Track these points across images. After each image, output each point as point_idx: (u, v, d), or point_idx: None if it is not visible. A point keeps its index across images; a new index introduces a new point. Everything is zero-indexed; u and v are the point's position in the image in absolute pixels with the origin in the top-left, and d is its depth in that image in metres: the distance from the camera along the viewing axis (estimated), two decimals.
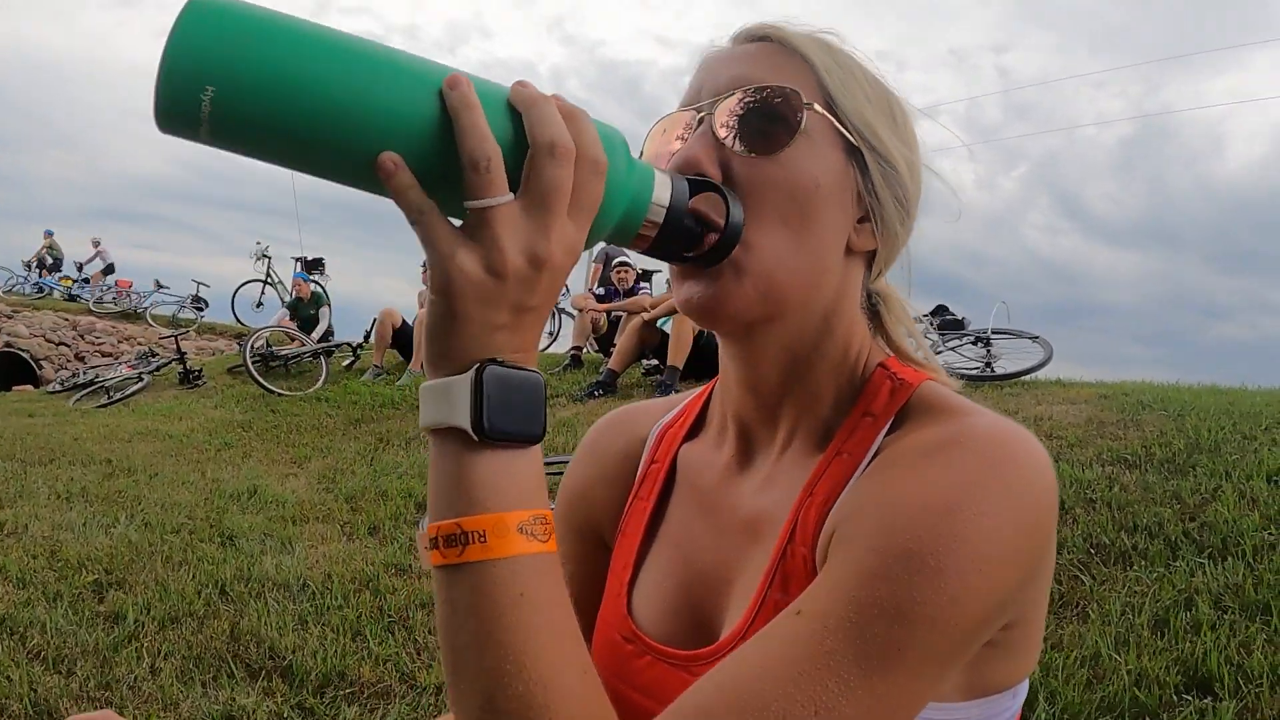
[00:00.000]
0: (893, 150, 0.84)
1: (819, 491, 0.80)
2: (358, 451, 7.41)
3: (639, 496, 1.00)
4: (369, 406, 9.00)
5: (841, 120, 0.82)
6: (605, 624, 0.96)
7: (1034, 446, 0.71)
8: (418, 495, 5.92)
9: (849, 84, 0.84)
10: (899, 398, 0.82)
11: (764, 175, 0.80)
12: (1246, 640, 3.02)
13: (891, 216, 0.85)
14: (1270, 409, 5.52)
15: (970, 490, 0.66)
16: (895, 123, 0.86)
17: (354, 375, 10.84)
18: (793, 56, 0.84)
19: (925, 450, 0.72)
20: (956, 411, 0.77)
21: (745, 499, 0.89)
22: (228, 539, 5.06)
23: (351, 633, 3.77)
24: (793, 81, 0.82)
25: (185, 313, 18.94)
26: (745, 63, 0.85)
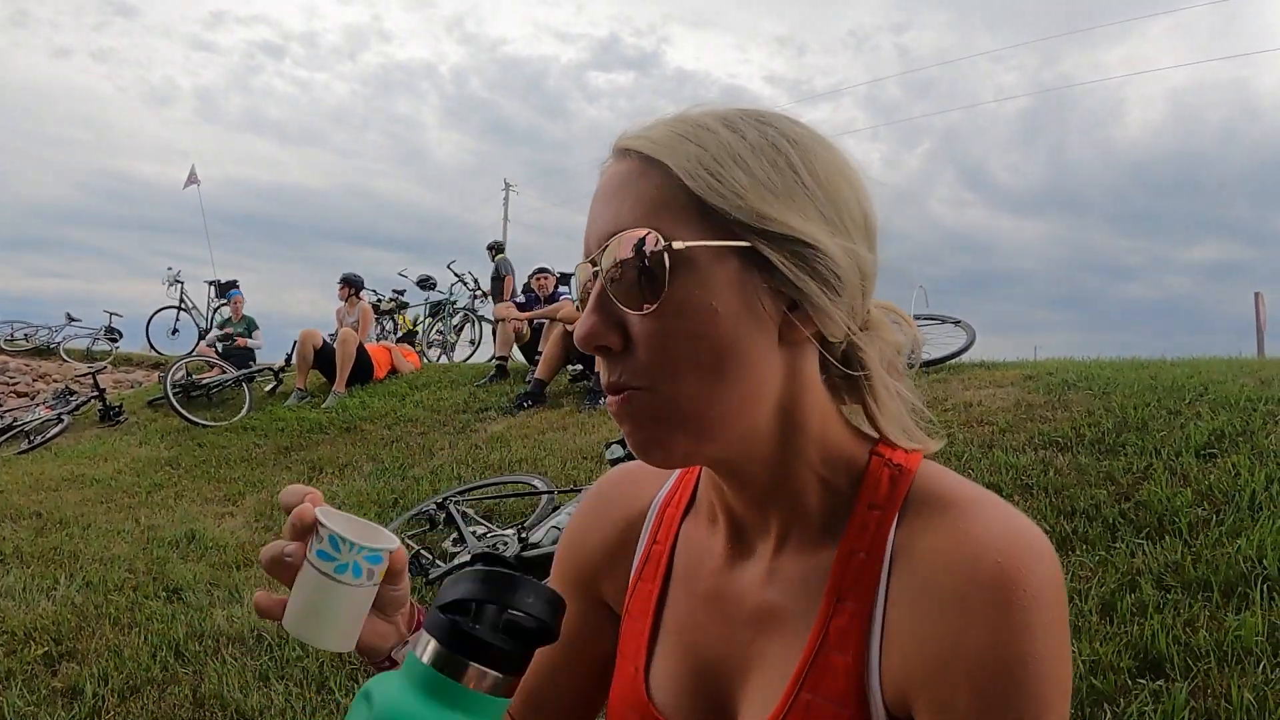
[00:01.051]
0: (795, 224, 0.77)
1: (848, 598, 0.81)
2: (290, 483, 7.24)
3: (643, 578, 1.01)
4: (297, 433, 8.88)
5: (719, 225, 0.76)
6: (621, 705, 0.98)
7: (1045, 546, 0.76)
8: None
9: (718, 173, 0.77)
10: (900, 486, 0.83)
11: (659, 331, 0.77)
12: (1191, 619, 3.13)
13: (817, 294, 0.78)
14: (1192, 382, 5.70)
15: (1032, 633, 0.72)
16: (800, 185, 0.79)
17: (278, 400, 10.65)
18: (653, 170, 0.78)
19: (964, 589, 0.74)
20: (964, 507, 0.79)
21: (749, 589, 0.90)
22: (173, 592, 4.96)
23: (316, 685, 3.73)
24: (658, 204, 0.77)
25: (100, 345, 18.45)
26: (614, 197, 0.80)
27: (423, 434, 8.19)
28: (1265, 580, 3.23)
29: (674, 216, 0.77)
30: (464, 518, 5.40)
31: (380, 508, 6.22)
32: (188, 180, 18.21)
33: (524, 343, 10.38)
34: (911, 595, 0.78)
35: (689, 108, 0.83)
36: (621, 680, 0.99)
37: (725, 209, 0.76)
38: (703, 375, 0.77)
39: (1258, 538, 3.47)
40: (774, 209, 0.77)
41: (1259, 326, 14.09)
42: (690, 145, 0.78)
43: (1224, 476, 4.10)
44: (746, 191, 0.76)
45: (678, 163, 0.77)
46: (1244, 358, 7.61)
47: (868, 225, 0.84)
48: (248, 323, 13.16)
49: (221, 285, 16.39)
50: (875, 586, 0.80)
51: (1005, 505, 0.79)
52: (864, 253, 0.82)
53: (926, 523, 0.80)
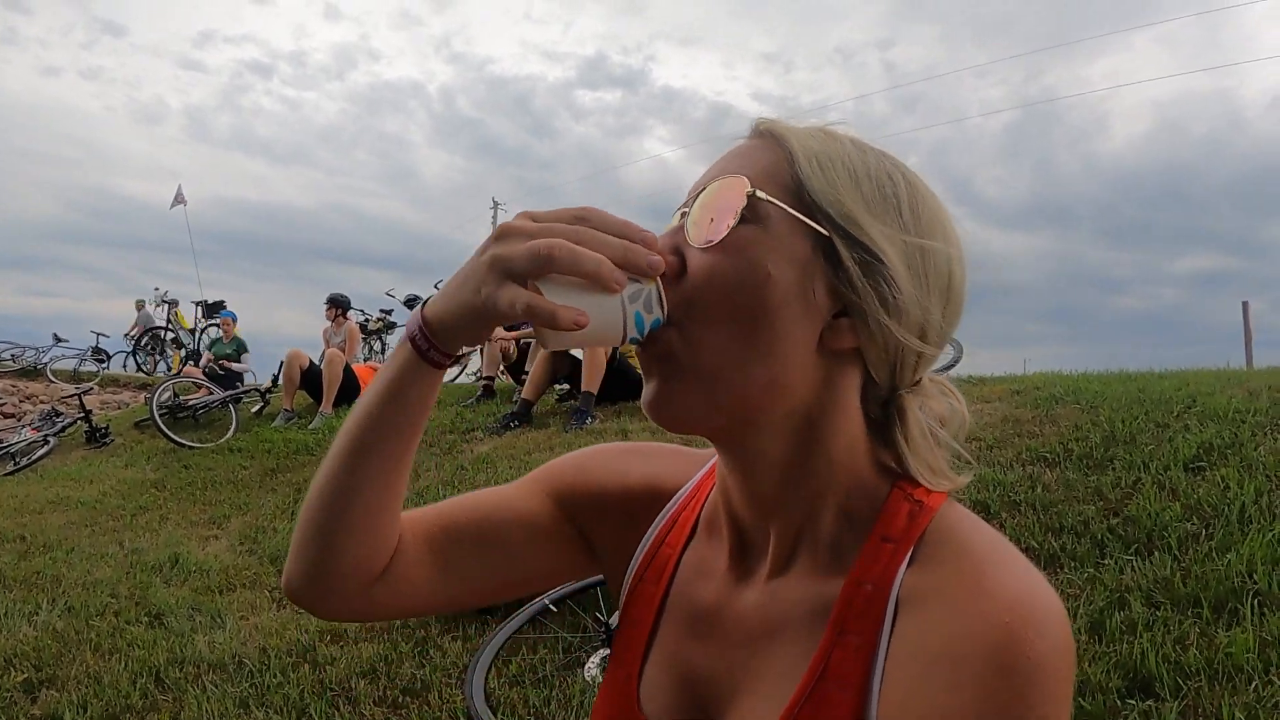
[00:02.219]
0: (877, 238, 0.79)
1: (852, 631, 0.79)
2: (277, 505, 7.25)
3: (645, 580, 0.99)
4: (283, 454, 8.81)
5: (809, 207, 0.79)
6: (610, 709, 0.96)
7: (1058, 611, 0.72)
8: None
9: (828, 169, 0.81)
10: (918, 523, 0.81)
11: (710, 266, 0.79)
12: (1181, 636, 3.10)
13: (873, 310, 0.79)
14: (1180, 394, 5.69)
15: (1030, 703, 0.68)
16: (894, 211, 0.81)
17: (265, 421, 10.60)
18: (775, 147, 0.83)
19: (966, 648, 0.70)
20: (980, 558, 0.76)
21: (748, 609, 0.88)
22: (155, 618, 4.91)
23: (296, 712, 3.68)
24: (764, 170, 0.81)
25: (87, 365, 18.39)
26: (730, 157, 0.85)
27: None
28: (1256, 595, 3.19)
29: (774, 183, 0.80)
30: None
31: None
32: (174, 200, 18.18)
33: (511, 362, 10.30)
34: (914, 643, 0.75)
35: (836, 123, 0.87)
36: (613, 685, 0.97)
37: (819, 198, 0.79)
38: (734, 330, 0.78)
39: (1248, 552, 3.44)
40: (863, 218, 0.79)
41: (1247, 334, 14.14)
42: (816, 143, 0.82)
43: (1213, 490, 4.07)
44: (844, 193, 0.80)
45: (799, 145, 0.82)
46: (1231, 369, 7.60)
47: (951, 289, 0.84)
48: (237, 344, 13.09)
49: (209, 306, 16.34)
50: (880, 624, 0.77)
51: (1023, 562, 0.76)
52: (935, 311, 0.82)
53: (939, 568, 0.77)
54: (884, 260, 0.79)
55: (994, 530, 0.80)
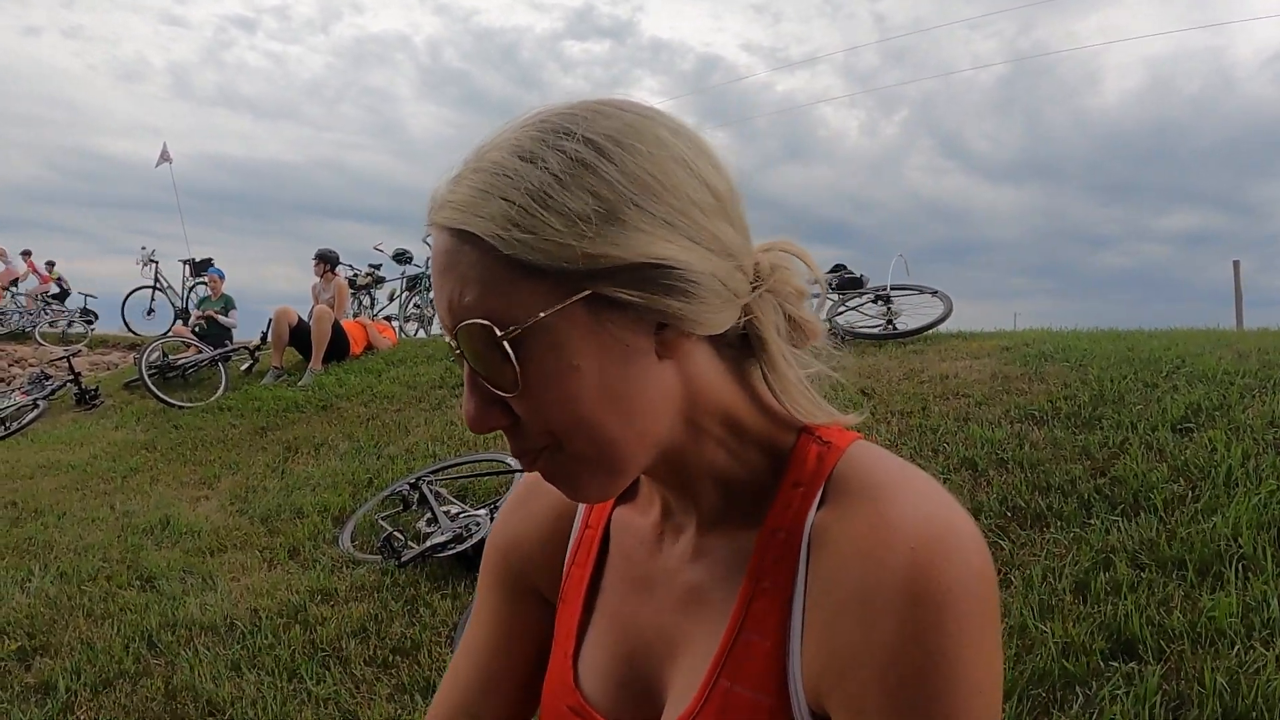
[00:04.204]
0: (630, 251, 0.71)
1: (767, 578, 0.79)
2: (267, 464, 7.25)
3: (576, 563, 0.99)
4: (273, 412, 8.79)
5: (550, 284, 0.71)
6: (552, 694, 0.96)
7: (968, 532, 0.72)
8: (333, 508, 5.84)
9: (535, 227, 0.70)
10: (826, 464, 0.81)
11: (532, 404, 0.74)
12: (1165, 599, 3.12)
13: (678, 309, 0.73)
14: (1169, 354, 5.70)
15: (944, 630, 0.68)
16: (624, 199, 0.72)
17: (254, 379, 10.56)
18: (466, 244, 0.73)
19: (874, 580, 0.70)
20: (886, 490, 0.76)
21: (677, 569, 0.88)
22: (147, 581, 4.92)
23: (287, 674, 3.71)
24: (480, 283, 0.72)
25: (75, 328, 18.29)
26: (444, 278, 0.75)
27: (399, 410, 8.13)
28: (1240, 560, 3.22)
29: (503, 292, 0.72)
30: (437, 498, 5.37)
31: (355, 488, 6.18)
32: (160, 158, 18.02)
33: None
34: (825, 584, 0.75)
35: (491, 139, 0.76)
36: (552, 669, 0.97)
37: (550, 265, 0.71)
38: (593, 429, 0.75)
39: (1233, 515, 3.46)
40: (601, 243, 0.71)
41: (1238, 295, 14.17)
42: (494, 202, 0.72)
43: (1200, 452, 4.09)
44: (566, 235, 0.70)
45: (486, 229, 0.71)
46: (1221, 329, 7.63)
47: (720, 198, 0.77)
48: (225, 300, 13.02)
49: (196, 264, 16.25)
50: (794, 568, 0.78)
51: (932, 488, 0.76)
52: (722, 231, 0.77)
53: (846, 506, 0.77)
54: (652, 263, 0.72)
55: (904, 462, 0.79)
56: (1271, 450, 3.98)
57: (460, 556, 4.69)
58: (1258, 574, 3.13)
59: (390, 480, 6.15)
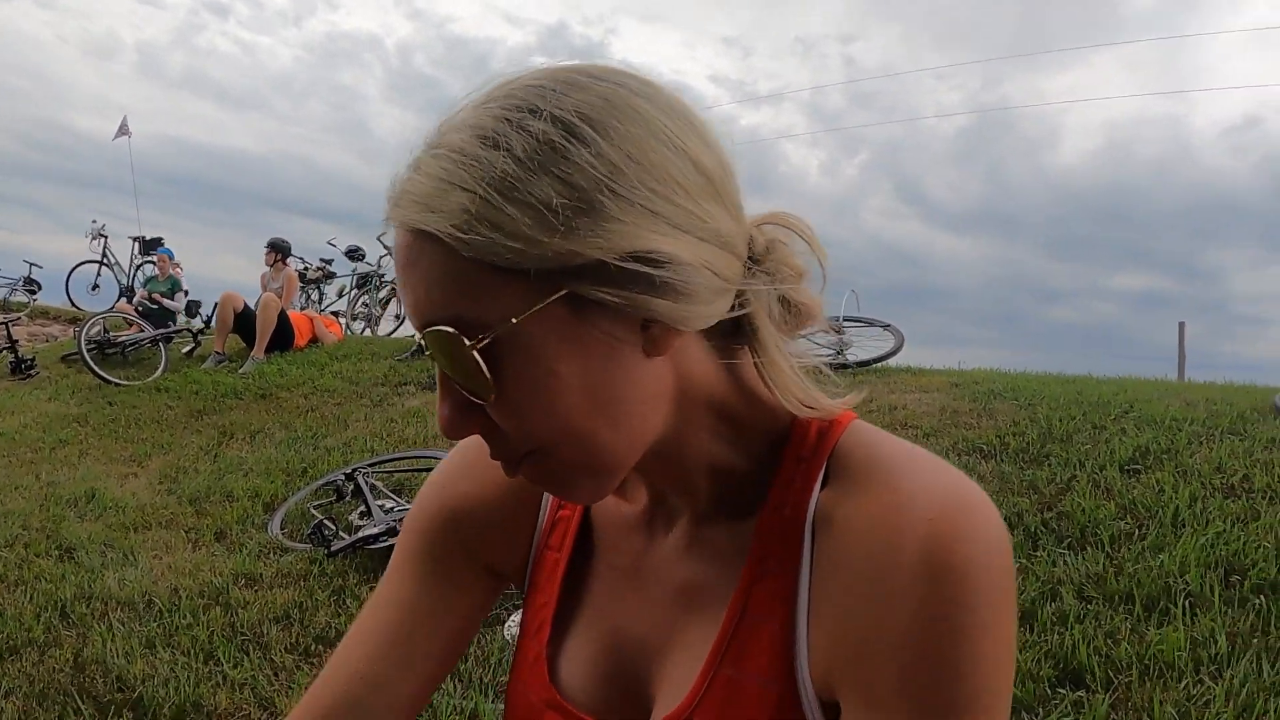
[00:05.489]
0: (608, 246, 0.63)
1: (772, 559, 0.73)
2: (201, 446, 7.06)
3: (549, 546, 0.90)
4: (211, 396, 8.56)
5: (524, 284, 0.64)
6: (523, 689, 0.87)
7: (986, 507, 0.67)
8: (264, 495, 5.67)
9: (501, 223, 0.62)
10: (828, 439, 0.75)
11: (510, 411, 0.68)
12: (1112, 630, 3.09)
13: (665, 308, 0.66)
14: (1118, 398, 5.73)
15: (966, 606, 0.63)
16: (601, 186, 0.64)
17: (195, 363, 10.31)
18: (428, 244, 0.65)
19: (888, 555, 0.65)
20: (893, 464, 0.70)
21: (672, 562, 0.81)
22: (66, 552, 4.73)
23: (204, 655, 3.56)
24: (446, 286, 0.65)
25: (17, 296, 17.82)
26: (408, 277, 0.68)
27: (339, 405, 7.97)
28: (1188, 596, 3.20)
29: (470, 295, 0.65)
30: (373, 490, 5.23)
31: (289, 476, 6.02)
32: (119, 131, 17.63)
33: None
34: (834, 563, 0.69)
35: (453, 115, 0.68)
36: (522, 663, 0.88)
37: (519, 265, 0.63)
38: (579, 436, 0.69)
39: (1180, 553, 3.44)
40: (574, 238, 0.63)
41: (1180, 354, 14.35)
42: (453, 194, 0.64)
43: (1147, 492, 4.09)
44: (535, 230, 0.62)
45: (444, 228, 0.63)
46: (1168, 380, 7.71)
47: (709, 176, 0.69)
48: (172, 282, 12.74)
49: (146, 242, 15.87)
50: (800, 548, 0.72)
51: (942, 463, 0.70)
52: (712, 214, 0.68)
53: (853, 481, 0.71)
54: (634, 256, 0.64)
55: (906, 442, 0.74)
56: (1219, 494, 3.99)
57: (391, 550, 4.55)
58: (1205, 610, 3.12)
59: (325, 471, 6.00)
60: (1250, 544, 3.48)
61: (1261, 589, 3.20)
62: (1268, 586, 3.21)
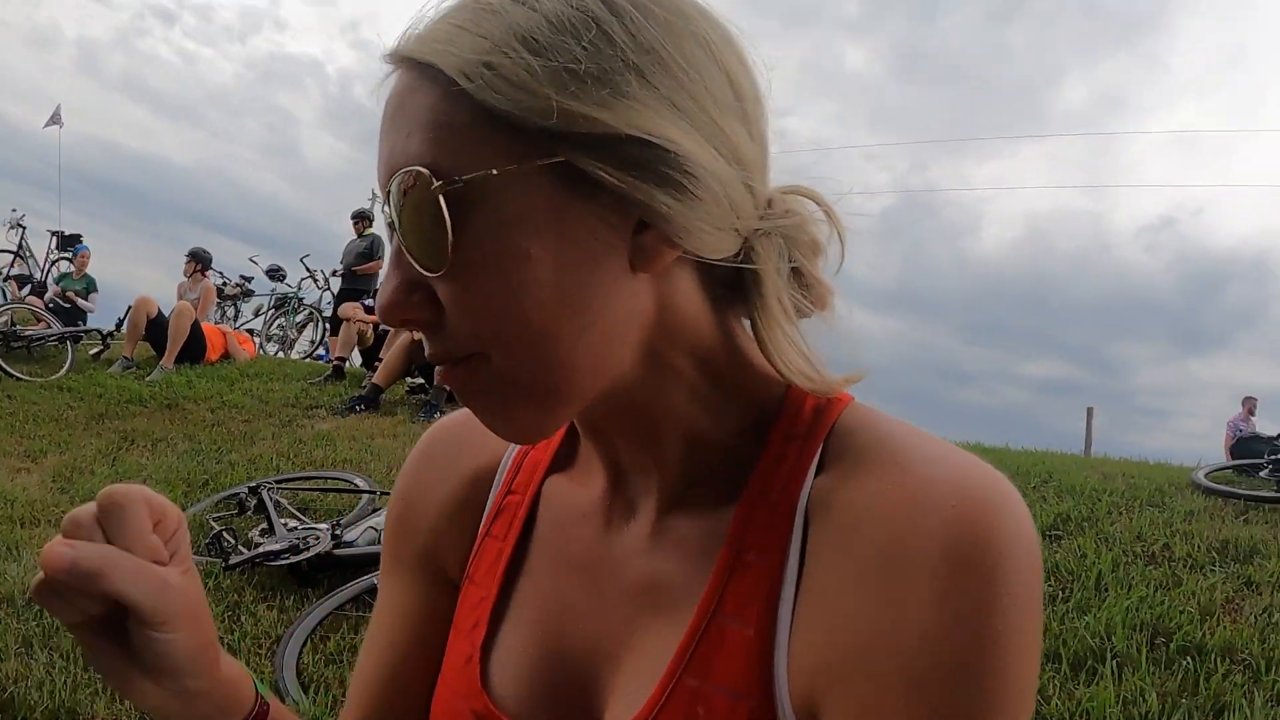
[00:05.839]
0: (618, 119, 0.57)
1: (752, 549, 0.62)
2: (99, 450, 6.77)
3: (491, 534, 0.78)
4: (115, 401, 8.26)
5: (512, 139, 0.57)
6: (450, 695, 0.75)
7: (1017, 497, 0.57)
8: None
9: (508, 68, 0.56)
10: (826, 416, 0.65)
11: (460, 291, 0.59)
12: (1041, 687, 3.04)
13: (668, 206, 0.58)
14: (1037, 469, 5.82)
15: (998, 606, 0.53)
16: (625, 64, 0.58)
17: (102, 365, 9.94)
18: (425, 79, 0.59)
19: (903, 545, 0.55)
20: (906, 444, 0.61)
21: (632, 556, 0.70)
22: None
23: (83, 660, 3.33)
24: (433, 125, 0.58)
25: None
26: (392, 123, 0.61)
27: (246, 422, 7.75)
28: (1115, 657, 3.20)
29: (456, 140, 0.58)
30: (276, 507, 5.03)
31: (189, 487, 5.79)
32: (50, 119, 17.09)
33: (366, 347, 10.08)
34: (831, 557, 0.59)
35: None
36: (452, 664, 0.76)
37: (518, 112, 0.56)
38: (535, 338, 0.59)
39: (1106, 616, 3.45)
40: (585, 102, 0.56)
41: (1088, 437, 14.71)
42: (468, 36, 0.58)
43: (1070, 557, 4.11)
44: (544, 83, 0.56)
45: (452, 62, 0.57)
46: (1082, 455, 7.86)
47: (741, 97, 0.62)
48: (88, 282, 12.35)
49: (65, 238, 15.34)
50: (788, 537, 0.61)
51: (958, 448, 0.60)
52: (736, 133, 0.61)
53: (857, 464, 0.61)
54: (642, 137, 0.57)
55: (906, 422, 0.65)
56: (1140, 561, 4.04)
57: (294, 569, 4.34)
58: (1134, 670, 3.12)
59: (228, 485, 5.79)
60: (1174, 608, 3.51)
61: (1188, 651, 3.22)
62: (1194, 649, 3.22)
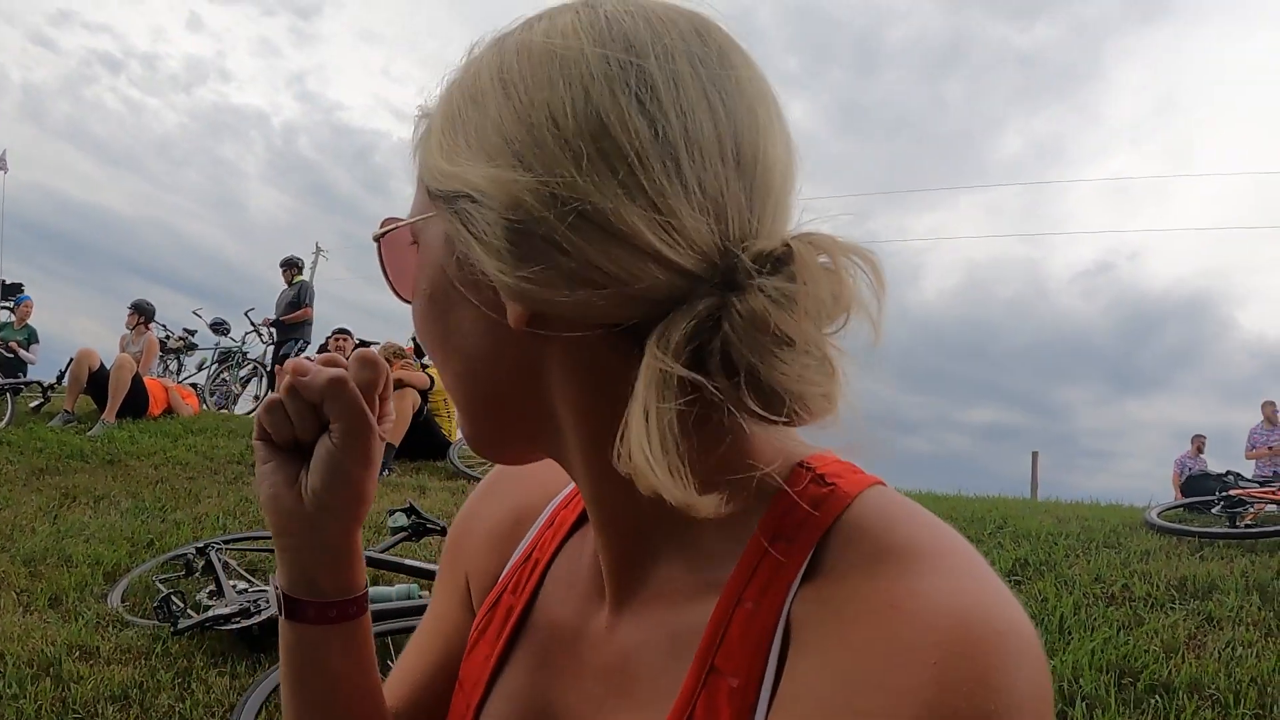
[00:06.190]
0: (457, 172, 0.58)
1: (726, 669, 0.56)
2: (39, 506, 6.54)
3: (509, 589, 0.77)
4: (56, 456, 7.98)
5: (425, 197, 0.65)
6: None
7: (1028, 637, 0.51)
8: (106, 563, 5.23)
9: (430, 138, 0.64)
10: (825, 513, 0.57)
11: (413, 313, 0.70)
12: None
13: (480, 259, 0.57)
14: (991, 515, 5.86)
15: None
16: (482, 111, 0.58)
17: (42, 419, 9.67)
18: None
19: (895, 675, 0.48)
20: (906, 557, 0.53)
21: (607, 632, 0.66)
22: None
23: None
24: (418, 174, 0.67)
25: None
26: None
27: (191, 479, 7.55)
28: (1084, 699, 3.20)
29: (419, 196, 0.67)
30: (225, 568, 4.87)
31: (134, 547, 5.61)
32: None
33: None
34: (804, 688, 0.52)
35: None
36: (452, 713, 0.76)
37: (424, 175, 0.64)
38: (436, 358, 0.67)
39: (1071, 659, 3.45)
40: (460, 163, 0.59)
41: (1034, 481, 14.84)
42: (459, 90, 0.64)
43: (1031, 600, 4.12)
44: (437, 150, 0.62)
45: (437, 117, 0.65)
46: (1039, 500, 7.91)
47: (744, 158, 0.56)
48: (29, 332, 12.08)
49: (6, 286, 15.01)
50: (764, 660, 0.55)
51: (976, 564, 0.54)
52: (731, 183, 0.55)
53: (846, 578, 0.54)
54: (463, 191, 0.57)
55: (937, 520, 0.57)
56: (1101, 602, 4.06)
57: (244, 633, 4.20)
58: (1104, 711, 3.13)
59: (173, 545, 5.62)
60: (1138, 647, 3.53)
61: (1155, 689, 3.24)
62: (1161, 687, 3.24)
